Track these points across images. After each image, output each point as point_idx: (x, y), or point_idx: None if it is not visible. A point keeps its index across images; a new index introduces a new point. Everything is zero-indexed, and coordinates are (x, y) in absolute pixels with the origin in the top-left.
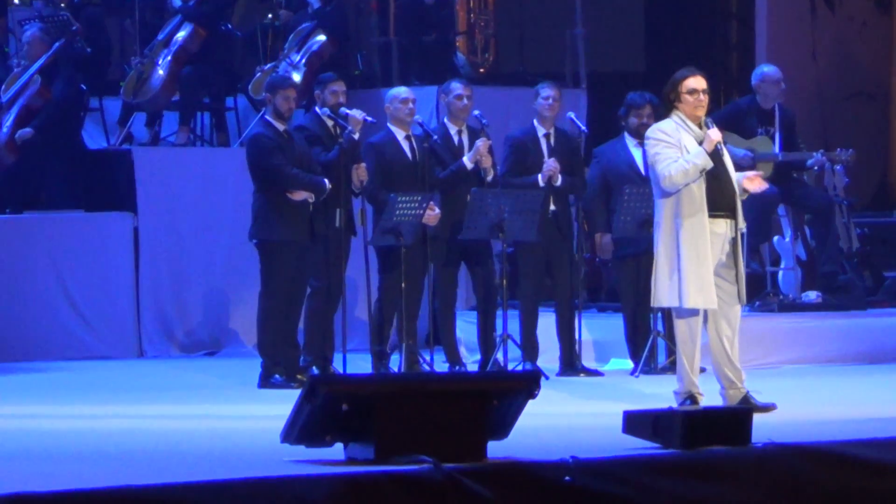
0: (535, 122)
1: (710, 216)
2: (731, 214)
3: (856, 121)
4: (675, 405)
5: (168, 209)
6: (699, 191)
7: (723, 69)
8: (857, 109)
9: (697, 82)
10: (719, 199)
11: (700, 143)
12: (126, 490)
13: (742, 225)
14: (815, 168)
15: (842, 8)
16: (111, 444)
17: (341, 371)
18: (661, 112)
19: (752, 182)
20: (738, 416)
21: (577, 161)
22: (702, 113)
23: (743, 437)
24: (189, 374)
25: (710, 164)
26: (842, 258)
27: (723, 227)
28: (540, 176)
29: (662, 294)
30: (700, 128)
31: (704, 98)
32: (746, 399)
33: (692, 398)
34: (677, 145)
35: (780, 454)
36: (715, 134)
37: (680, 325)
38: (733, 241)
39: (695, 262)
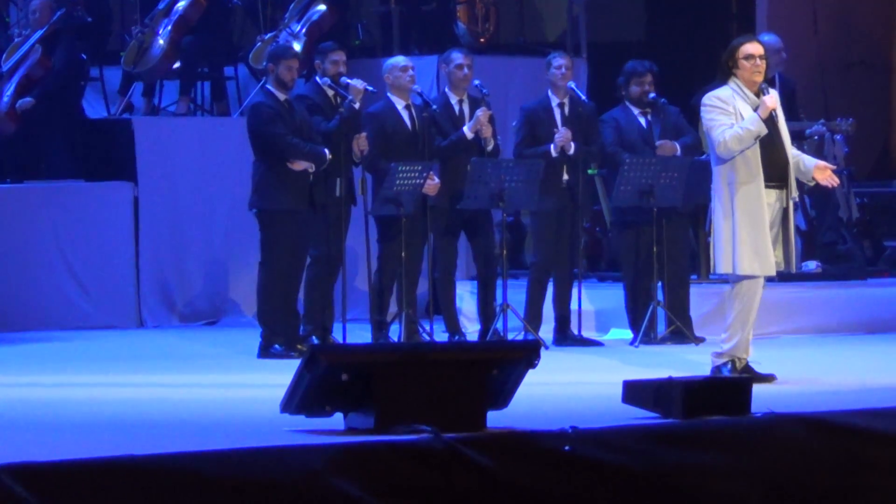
0: (549, 91)
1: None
2: (783, 184)
3: (856, 90)
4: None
5: (168, 178)
6: (755, 157)
7: (723, 39)
8: (857, 79)
9: (755, 48)
10: (772, 167)
11: (755, 110)
12: (126, 459)
13: (794, 194)
14: (815, 137)
15: None
16: (111, 414)
17: (341, 340)
18: (660, 82)
19: (821, 172)
20: (738, 385)
21: (594, 129)
22: (759, 79)
23: (742, 407)
24: (189, 343)
25: (764, 131)
26: (841, 228)
27: (773, 196)
28: (552, 146)
29: (720, 261)
30: (757, 95)
31: (762, 63)
32: (746, 368)
33: (735, 364)
34: (733, 112)
35: (780, 424)
36: (770, 100)
37: (738, 291)
38: (784, 211)
39: (750, 228)
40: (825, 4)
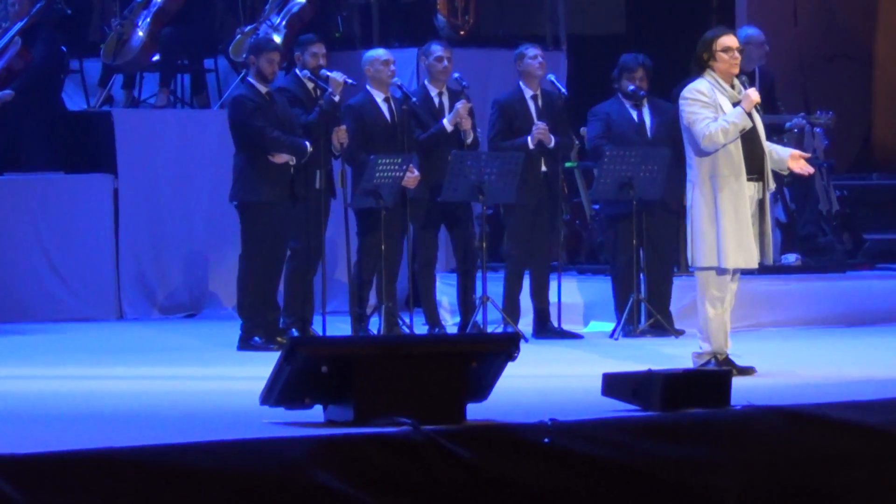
0: (521, 83)
1: None
2: (760, 176)
3: (837, 83)
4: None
5: (148, 171)
6: (737, 151)
7: (703, 32)
8: (838, 71)
9: (731, 40)
10: (749, 160)
11: (734, 104)
12: (105, 451)
13: (771, 186)
14: (795, 130)
15: None
16: (91, 406)
17: (321, 333)
18: (654, 75)
19: (795, 161)
20: (718, 377)
21: (563, 122)
22: (736, 70)
23: (722, 399)
24: (168, 335)
25: (749, 124)
26: (821, 220)
27: (752, 189)
28: (529, 138)
29: (700, 254)
30: (732, 87)
31: (739, 56)
32: (727, 361)
33: (717, 359)
34: (714, 105)
35: (759, 416)
36: (754, 94)
37: (712, 286)
38: (761, 203)
39: (735, 221)
40: None
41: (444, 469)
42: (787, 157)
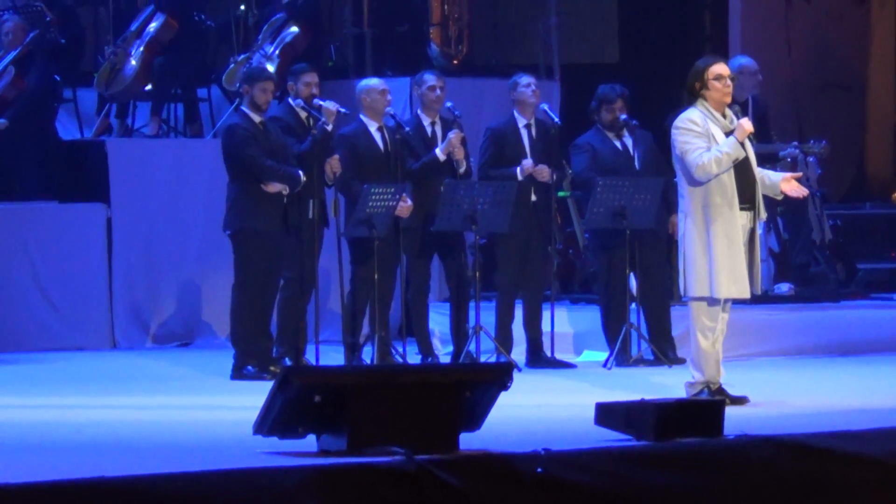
0: (515, 112)
1: None
2: (752, 206)
3: (830, 112)
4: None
5: (141, 200)
6: (730, 181)
7: (697, 61)
8: (831, 101)
9: (722, 68)
10: (742, 189)
11: (727, 133)
12: (98, 481)
13: (763, 216)
14: (788, 159)
15: None
16: (84, 435)
17: (314, 362)
18: (633, 104)
19: (788, 184)
20: (711, 407)
21: (556, 151)
22: (728, 99)
23: (715, 429)
24: (162, 364)
25: (742, 154)
26: (814, 250)
27: (744, 218)
28: (518, 169)
29: (692, 284)
30: (724, 117)
31: (731, 84)
32: (720, 390)
33: (710, 389)
34: (706, 135)
35: (752, 446)
36: (748, 124)
37: (704, 315)
38: (752, 233)
39: (727, 251)
40: (798, 26)
41: (438, 498)
42: (780, 182)
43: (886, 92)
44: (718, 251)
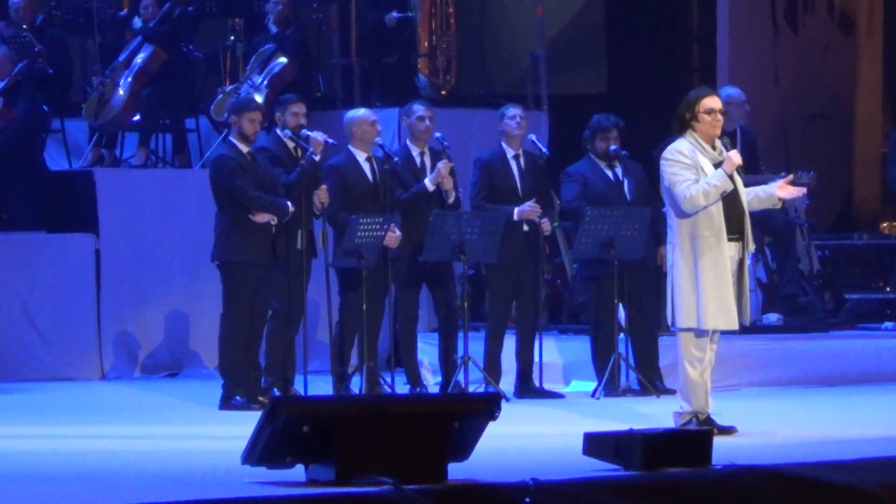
0: (503, 143)
1: None
2: (740, 237)
3: (818, 143)
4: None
5: (130, 230)
6: (718, 212)
7: (685, 91)
8: (819, 131)
9: (714, 101)
10: (730, 221)
11: (715, 165)
12: None
13: (751, 247)
14: None
15: (805, 30)
16: (72, 465)
17: (302, 392)
18: (621, 134)
19: (784, 190)
20: (699, 437)
21: (544, 183)
22: (718, 132)
23: (703, 459)
24: (150, 395)
25: (730, 187)
26: (802, 280)
27: (732, 249)
28: (516, 211)
29: (680, 315)
30: (714, 148)
31: (721, 118)
32: (707, 421)
33: (698, 419)
34: (695, 166)
35: (740, 476)
36: (736, 157)
37: (692, 346)
38: (740, 263)
39: (715, 282)
40: (786, 56)
41: None
42: (775, 192)
43: (874, 122)
44: (706, 283)
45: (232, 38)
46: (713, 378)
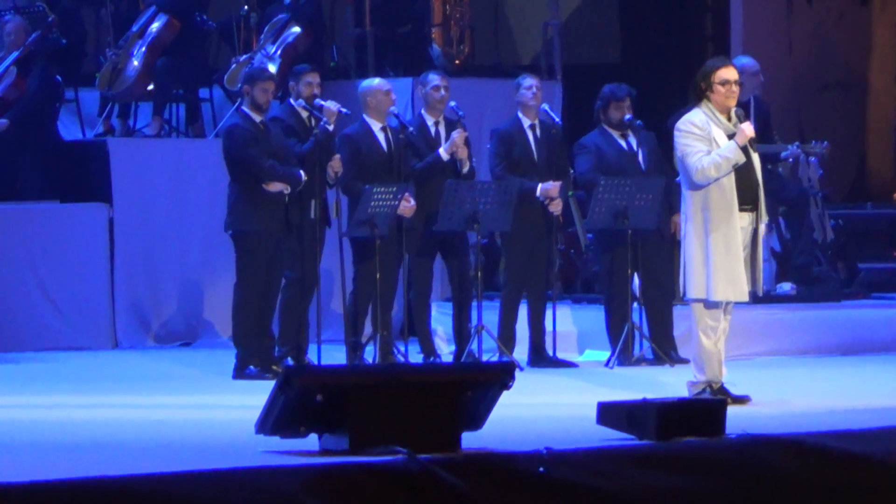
0: (519, 113)
1: None
2: (754, 207)
3: (832, 112)
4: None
5: (143, 200)
6: (729, 184)
7: (698, 61)
8: (833, 101)
9: (729, 73)
10: (744, 192)
11: (729, 136)
12: (100, 480)
13: (765, 218)
14: (790, 160)
15: None
16: (85, 435)
17: (316, 362)
18: (635, 104)
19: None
20: (713, 407)
21: (560, 152)
22: (733, 103)
23: (717, 429)
24: (164, 364)
25: (742, 159)
26: (816, 250)
27: (746, 220)
28: (539, 188)
29: (691, 285)
30: (729, 119)
31: (737, 89)
32: (721, 390)
33: (712, 388)
34: (707, 138)
35: (754, 445)
36: (749, 129)
37: (706, 316)
38: (754, 234)
39: (725, 254)
40: (800, 26)
41: (439, 498)
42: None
43: (887, 92)
44: (716, 254)
45: (245, 7)
46: (727, 347)
